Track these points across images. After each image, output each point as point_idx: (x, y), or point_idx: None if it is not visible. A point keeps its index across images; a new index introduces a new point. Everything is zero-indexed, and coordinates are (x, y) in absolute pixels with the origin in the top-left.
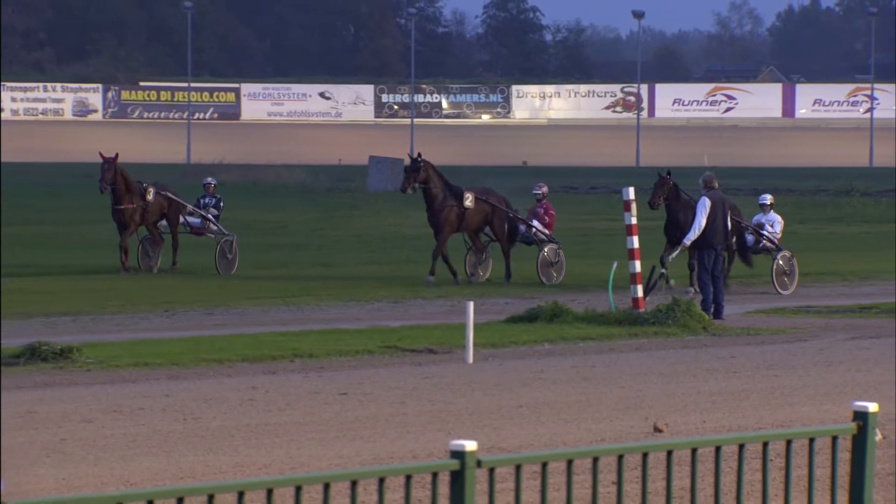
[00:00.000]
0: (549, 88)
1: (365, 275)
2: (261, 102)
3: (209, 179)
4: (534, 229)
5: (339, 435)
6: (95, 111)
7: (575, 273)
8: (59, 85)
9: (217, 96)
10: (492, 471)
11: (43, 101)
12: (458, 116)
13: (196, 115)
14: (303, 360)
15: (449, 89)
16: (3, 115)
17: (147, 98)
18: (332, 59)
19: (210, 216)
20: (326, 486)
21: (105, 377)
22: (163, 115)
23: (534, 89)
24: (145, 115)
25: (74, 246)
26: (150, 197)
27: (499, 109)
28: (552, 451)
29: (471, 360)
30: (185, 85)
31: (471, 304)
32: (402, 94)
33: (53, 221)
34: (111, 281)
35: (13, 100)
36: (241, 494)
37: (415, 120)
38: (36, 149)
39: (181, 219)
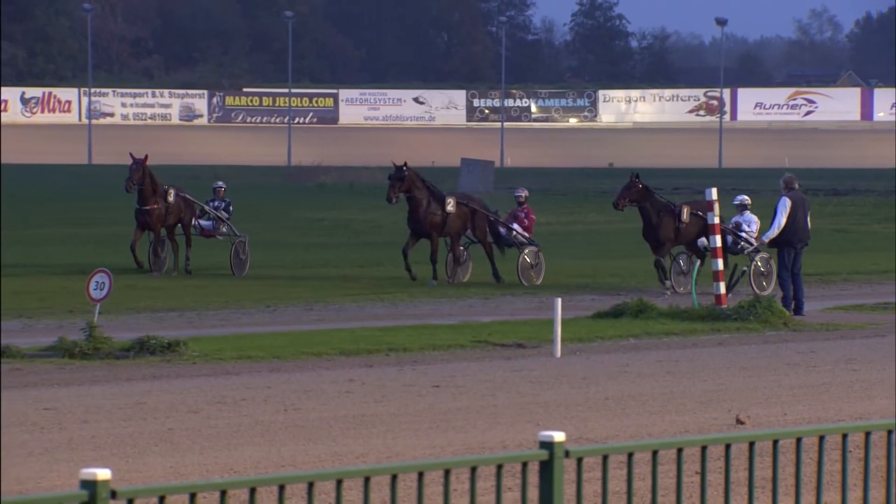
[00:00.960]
0: (635, 93)
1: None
2: (358, 107)
3: (219, 183)
4: (514, 232)
5: (433, 426)
6: (201, 116)
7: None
8: (166, 91)
9: (316, 101)
10: (580, 461)
11: (151, 106)
12: (546, 120)
13: (296, 120)
14: (397, 354)
15: (538, 94)
16: (113, 119)
17: (250, 103)
18: (425, 66)
19: (223, 218)
20: (420, 475)
21: (210, 370)
22: (265, 119)
23: (620, 94)
24: (248, 119)
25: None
26: (171, 198)
27: (586, 113)
28: (638, 441)
29: (559, 354)
30: (286, 91)
31: (559, 301)
32: (492, 99)
33: None
34: (213, 279)
35: (123, 105)
36: (339, 483)
37: (505, 123)
38: (145, 152)
39: (196, 221)
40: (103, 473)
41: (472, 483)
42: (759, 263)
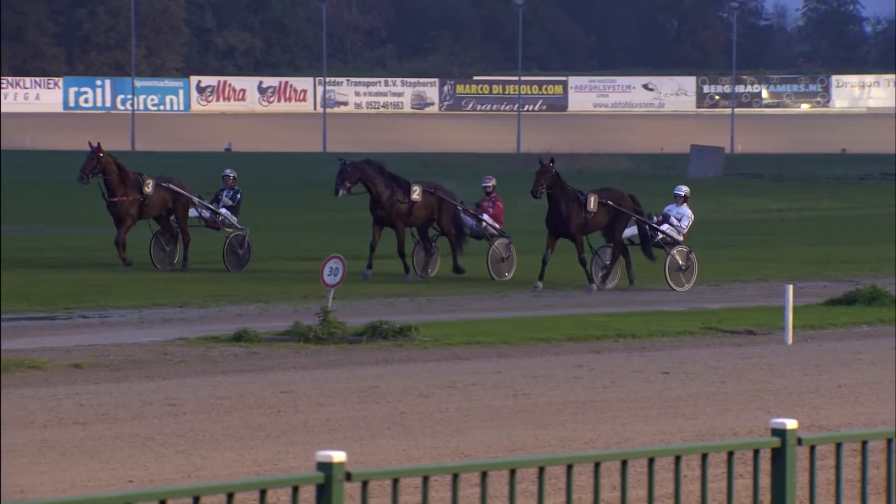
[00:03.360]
0: (869, 78)
1: None
2: (587, 94)
3: (228, 171)
4: (484, 223)
5: (662, 412)
6: (432, 104)
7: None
8: (398, 80)
9: (545, 89)
10: (812, 448)
11: (384, 94)
12: (777, 106)
13: (525, 108)
14: (626, 340)
15: (769, 80)
16: (346, 108)
17: (480, 91)
18: (654, 52)
19: (223, 209)
20: (651, 461)
21: (440, 354)
22: (494, 107)
23: (853, 79)
24: (478, 107)
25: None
26: (148, 189)
27: (818, 99)
28: (871, 430)
29: (790, 341)
30: (516, 79)
31: (790, 288)
32: (723, 85)
33: None
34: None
35: (356, 94)
36: (569, 468)
37: (735, 110)
38: (377, 140)
39: (194, 212)
40: (339, 456)
41: (703, 469)
42: (678, 258)
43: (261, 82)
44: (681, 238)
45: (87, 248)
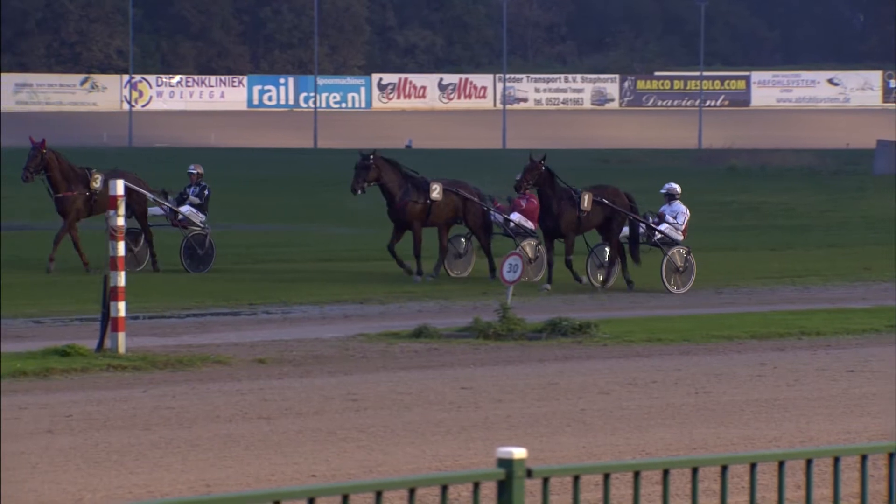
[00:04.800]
0: None
1: (873, 255)
2: (770, 89)
3: (192, 168)
4: (511, 223)
5: (847, 411)
6: (612, 100)
7: None
8: (578, 76)
9: (728, 84)
10: None
11: (564, 91)
12: None
13: (707, 103)
14: (810, 338)
15: None
16: (526, 104)
17: (661, 87)
18: (839, 47)
19: (186, 207)
20: (836, 460)
21: (620, 351)
22: (675, 103)
23: None
24: (659, 103)
25: None
26: (96, 185)
27: None
28: None
29: None
30: (697, 74)
31: None
32: None
33: None
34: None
35: (536, 90)
36: (752, 466)
37: None
38: (556, 136)
39: (159, 210)
40: (519, 452)
41: (889, 469)
42: (677, 258)
43: (441, 79)
44: (681, 237)
45: (271, 245)
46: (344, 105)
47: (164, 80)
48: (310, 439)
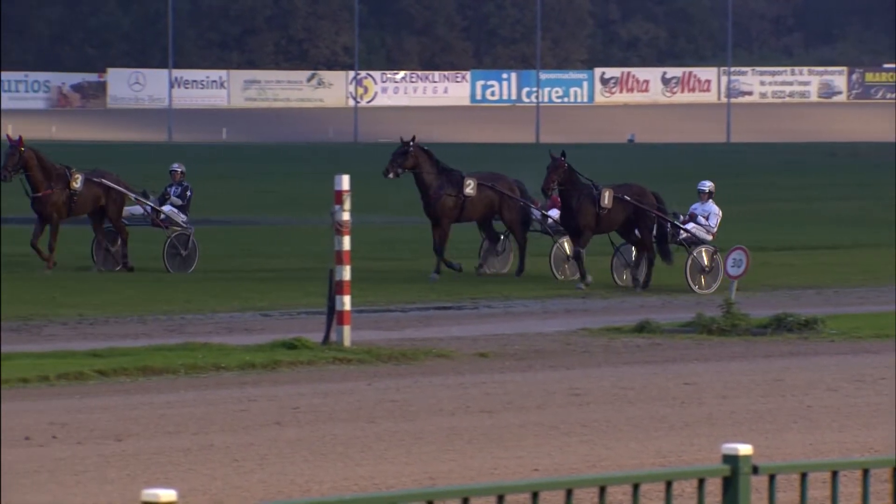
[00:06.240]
0: None
1: None
2: None
3: (175, 166)
4: (549, 219)
5: None
6: (840, 93)
7: None
8: (805, 68)
9: None
10: None
11: (790, 84)
12: None
13: None
14: None
15: None
16: (751, 97)
17: (890, 79)
18: None
19: (168, 207)
20: None
21: (847, 348)
22: None
23: None
24: (888, 95)
25: (816, 222)
26: (76, 185)
27: None
28: None
29: None
30: None
31: None
32: None
33: (794, 198)
34: (851, 255)
35: (761, 83)
36: None
37: None
38: (781, 129)
39: (139, 209)
40: (745, 449)
41: None
42: (705, 257)
43: (664, 73)
44: (710, 237)
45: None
46: (566, 99)
47: (388, 75)
48: (532, 433)
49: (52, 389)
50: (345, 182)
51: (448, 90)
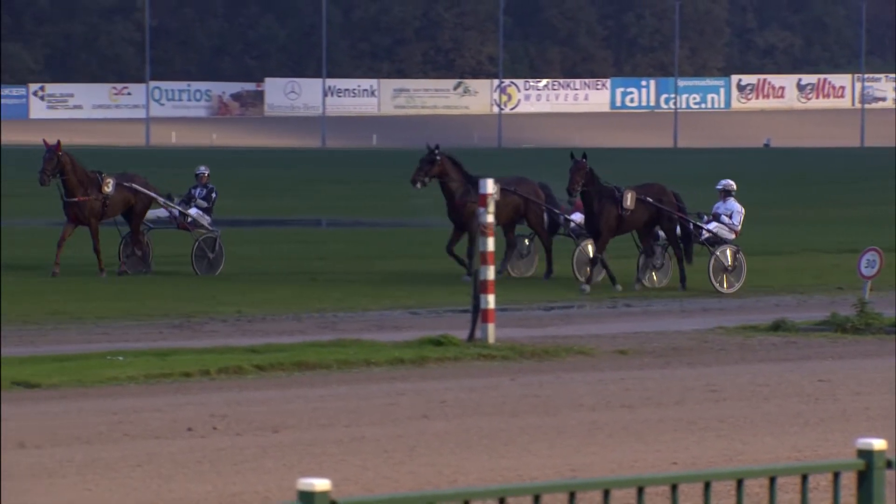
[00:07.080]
0: None
1: None
2: None
3: (201, 168)
4: (572, 223)
5: None
6: None
7: None
8: None
9: None
10: None
11: None
12: None
13: None
14: None
15: None
16: (884, 103)
17: None
18: None
19: (194, 210)
20: None
21: None
22: None
23: None
24: None
25: None
26: (108, 189)
27: None
28: None
29: None
30: None
31: None
32: None
33: None
34: None
35: (895, 90)
36: None
37: None
38: None
39: (165, 213)
40: (879, 444)
41: None
42: (729, 257)
43: (800, 79)
44: (732, 236)
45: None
46: (703, 105)
47: (531, 83)
48: (670, 428)
49: (212, 383)
50: (489, 186)
51: (588, 97)
